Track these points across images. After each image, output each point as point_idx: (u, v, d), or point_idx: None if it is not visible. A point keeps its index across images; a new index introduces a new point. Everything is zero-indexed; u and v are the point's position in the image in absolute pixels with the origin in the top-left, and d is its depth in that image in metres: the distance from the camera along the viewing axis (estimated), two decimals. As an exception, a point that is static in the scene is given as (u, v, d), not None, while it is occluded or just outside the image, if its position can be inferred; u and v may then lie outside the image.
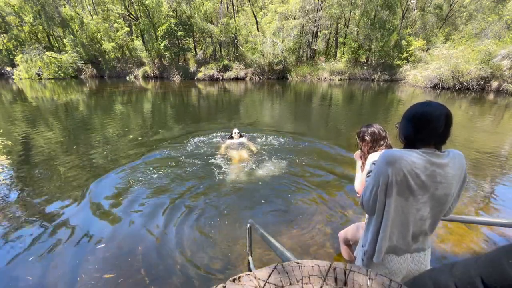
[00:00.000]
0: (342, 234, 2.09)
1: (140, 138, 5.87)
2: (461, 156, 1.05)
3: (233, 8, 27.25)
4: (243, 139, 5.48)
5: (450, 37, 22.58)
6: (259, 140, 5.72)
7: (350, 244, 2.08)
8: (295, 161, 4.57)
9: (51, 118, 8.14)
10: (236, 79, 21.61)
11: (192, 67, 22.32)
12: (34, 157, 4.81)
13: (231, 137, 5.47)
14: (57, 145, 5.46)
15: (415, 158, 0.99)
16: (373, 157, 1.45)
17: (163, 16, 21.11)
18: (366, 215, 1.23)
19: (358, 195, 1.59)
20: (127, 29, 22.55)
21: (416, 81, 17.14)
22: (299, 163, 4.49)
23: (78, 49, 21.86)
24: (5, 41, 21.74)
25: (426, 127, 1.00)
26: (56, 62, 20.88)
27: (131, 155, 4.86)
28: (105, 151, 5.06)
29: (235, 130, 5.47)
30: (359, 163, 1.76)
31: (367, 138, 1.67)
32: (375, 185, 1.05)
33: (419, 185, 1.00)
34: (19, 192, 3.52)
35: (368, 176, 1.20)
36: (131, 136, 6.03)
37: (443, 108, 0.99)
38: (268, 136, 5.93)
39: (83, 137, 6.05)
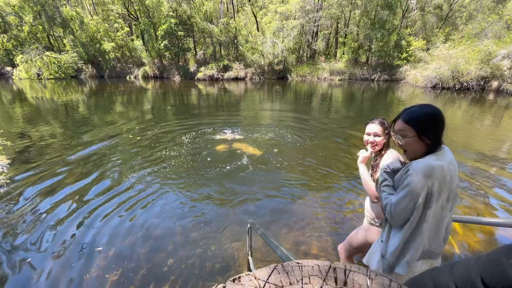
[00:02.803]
0: (342, 246, 1.85)
1: (138, 138, 5.87)
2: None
3: (233, 8, 27.26)
4: (236, 133, 6.14)
5: (450, 37, 22.58)
6: (259, 138, 5.72)
7: (352, 257, 1.85)
8: (296, 160, 4.57)
9: (51, 118, 8.13)
10: (236, 79, 21.61)
11: (192, 67, 22.33)
12: (34, 157, 4.80)
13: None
14: (57, 145, 5.45)
15: (441, 162, 1.03)
16: (386, 161, 1.44)
17: (163, 16, 21.13)
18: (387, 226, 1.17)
19: (375, 201, 1.53)
20: (127, 29, 22.57)
21: (416, 81, 17.14)
22: (300, 162, 4.48)
23: (78, 49, 21.88)
24: (4, 41, 21.72)
25: (444, 126, 1.06)
26: (56, 62, 20.88)
27: (130, 154, 4.87)
28: (105, 150, 5.06)
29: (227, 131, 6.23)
30: (365, 168, 1.61)
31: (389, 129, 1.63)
32: (413, 200, 1.02)
33: (447, 188, 1.05)
34: (18, 192, 3.52)
35: (384, 186, 1.14)
36: (130, 136, 6.04)
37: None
38: (268, 135, 5.93)
39: (83, 136, 6.05)
